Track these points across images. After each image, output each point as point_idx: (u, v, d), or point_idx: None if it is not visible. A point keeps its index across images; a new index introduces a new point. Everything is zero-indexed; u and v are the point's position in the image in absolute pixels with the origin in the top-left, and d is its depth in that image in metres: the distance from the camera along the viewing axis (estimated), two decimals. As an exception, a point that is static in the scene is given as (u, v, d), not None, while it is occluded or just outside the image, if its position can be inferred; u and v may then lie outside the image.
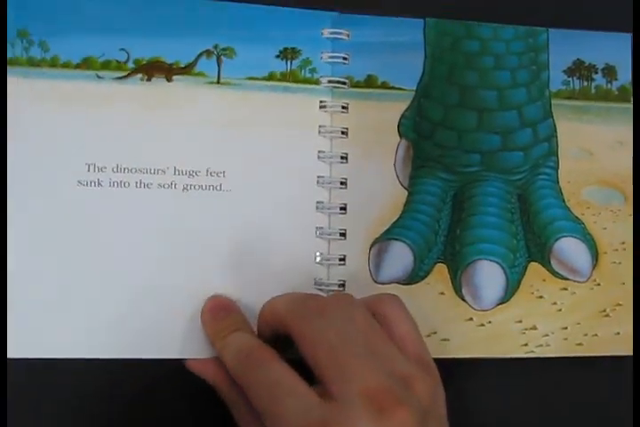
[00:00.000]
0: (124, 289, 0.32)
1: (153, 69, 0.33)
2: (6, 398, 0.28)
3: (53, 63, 0.32)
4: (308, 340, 0.26)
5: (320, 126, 0.34)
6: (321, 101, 0.34)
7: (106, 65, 0.33)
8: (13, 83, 0.31)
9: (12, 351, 0.30)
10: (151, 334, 0.32)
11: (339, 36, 0.35)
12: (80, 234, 0.31)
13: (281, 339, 0.28)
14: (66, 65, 0.32)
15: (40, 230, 0.31)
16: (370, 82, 0.35)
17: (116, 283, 0.32)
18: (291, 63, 0.34)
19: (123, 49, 0.33)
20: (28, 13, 0.32)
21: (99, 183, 0.32)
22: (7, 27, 0.31)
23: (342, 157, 0.34)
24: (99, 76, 0.33)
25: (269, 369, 0.26)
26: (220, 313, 0.31)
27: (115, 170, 0.32)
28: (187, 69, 0.33)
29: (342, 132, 0.34)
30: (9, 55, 0.32)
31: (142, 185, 0.32)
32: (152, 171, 0.32)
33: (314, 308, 0.27)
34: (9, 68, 0.31)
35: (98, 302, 0.31)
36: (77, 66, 0.32)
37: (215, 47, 0.34)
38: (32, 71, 0.32)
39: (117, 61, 0.33)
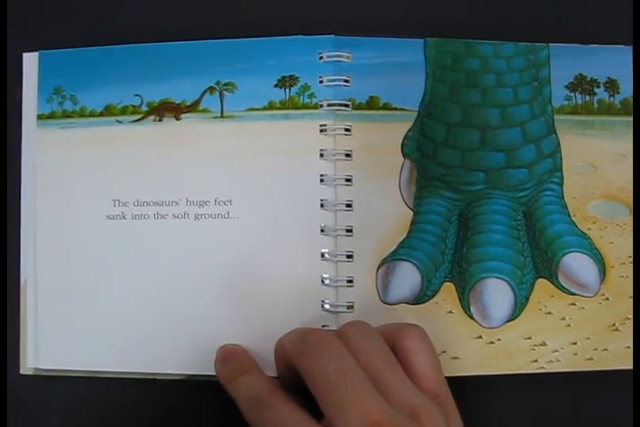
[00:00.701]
0: (145, 311, 0.34)
1: (163, 110, 0.35)
2: (6, 412, 0.30)
3: (82, 113, 0.36)
4: (309, 375, 0.27)
5: (322, 150, 0.34)
6: (321, 125, 0.35)
7: (124, 110, 0.36)
8: (53, 134, 0.36)
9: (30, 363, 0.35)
10: (163, 353, 0.34)
11: (339, 59, 0.35)
12: (108, 262, 0.35)
13: (296, 373, 0.28)
14: (92, 114, 0.36)
15: (73, 260, 0.35)
16: (372, 103, 0.35)
17: (139, 304, 0.34)
18: (289, 90, 0.35)
19: (137, 95, 0.36)
20: (61, 72, 0.36)
21: (123, 216, 0.35)
22: (44, 85, 0.36)
23: (347, 180, 0.34)
24: (118, 121, 0.36)
25: (275, 410, 0.27)
26: (228, 359, 0.32)
27: (136, 204, 0.35)
28: (192, 107, 0.35)
29: (347, 155, 0.34)
30: (46, 110, 0.36)
31: (159, 216, 0.35)
32: (167, 203, 0.35)
33: (315, 343, 0.27)
34: (49, 121, 0.36)
35: (117, 321, 0.34)
36: (101, 113, 0.36)
37: (217, 83, 0.35)
38: (66, 122, 0.36)
39: (133, 106, 0.36)
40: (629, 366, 0.34)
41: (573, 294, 0.35)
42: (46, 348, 0.34)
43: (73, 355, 0.34)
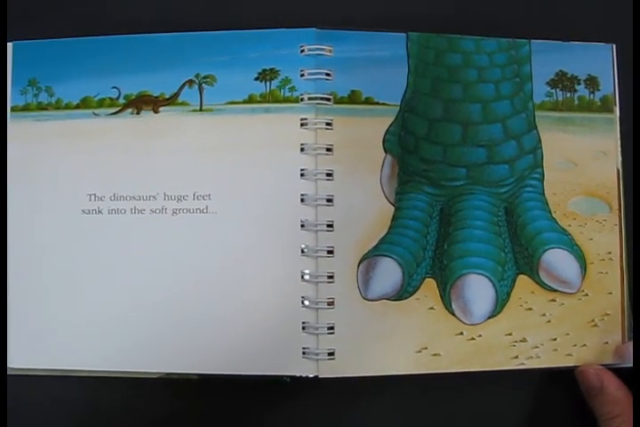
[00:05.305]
0: (120, 308, 0.34)
1: (141, 103, 0.35)
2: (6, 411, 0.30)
3: (58, 105, 0.35)
4: None
5: (302, 144, 0.34)
6: (302, 119, 0.34)
7: (100, 103, 0.35)
8: (27, 127, 0.35)
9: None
10: (137, 350, 0.33)
11: (321, 53, 0.35)
12: (82, 258, 0.34)
13: None
14: (68, 106, 0.35)
15: (46, 256, 0.34)
16: (354, 97, 0.35)
17: (113, 301, 0.34)
18: (269, 84, 0.34)
19: (114, 87, 0.35)
20: (36, 64, 0.35)
21: (99, 211, 0.34)
22: (18, 77, 0.36)
23: (328, 174, 0.34)
24: (95, 114, 0.35)
25: None
26: None
27: (112, 198, 0.34)
28: (171, 100, 0.35)
29: (327, 149, 0.34)
30: (20, 102, 0.35)
31: (136, 211, 0.34)
32: (145, 197, 0.34)
33: None
34: (23, 113, 0.35)
35: (91, 318, 0.34)
36: (77, 106, 0.35)
37: (196, 76, 0.35)
38: (41, 114, 0.35)
39: (110, 98, 0.35)
40: (608, 361, 0.34)
41: (554, 291, 0.35)
42: (18, 346, 0.33)
43: (45, 353, 0.33)
